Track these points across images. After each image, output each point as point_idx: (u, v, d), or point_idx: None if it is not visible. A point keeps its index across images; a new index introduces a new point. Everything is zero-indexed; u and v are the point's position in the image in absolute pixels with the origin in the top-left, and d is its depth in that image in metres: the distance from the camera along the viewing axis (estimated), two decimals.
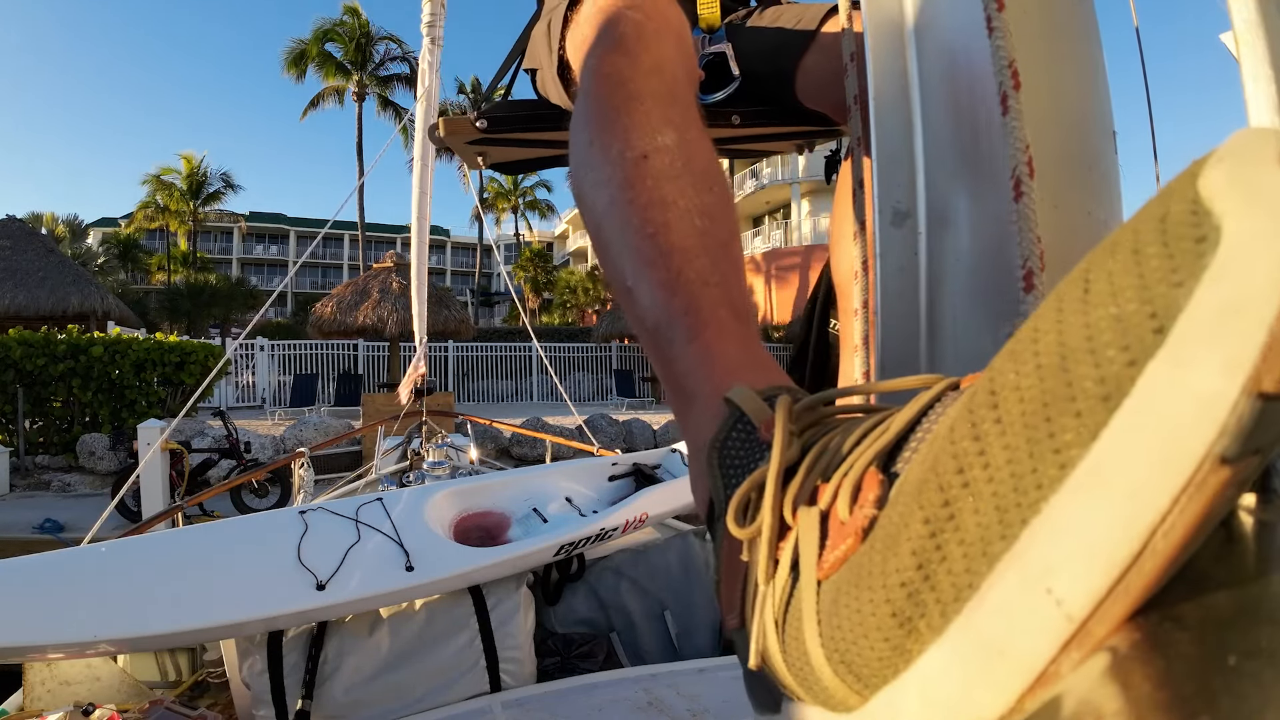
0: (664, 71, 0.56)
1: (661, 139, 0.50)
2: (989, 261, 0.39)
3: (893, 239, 0.43)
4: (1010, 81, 0.35)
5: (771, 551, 0.32)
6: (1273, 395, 0.17)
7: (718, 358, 0.43)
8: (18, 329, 8.17)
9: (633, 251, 0.48)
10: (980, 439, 0.23)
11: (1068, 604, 0.20)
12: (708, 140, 0.54)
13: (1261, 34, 0.29)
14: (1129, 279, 0.20)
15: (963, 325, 0.41)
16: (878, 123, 0.44)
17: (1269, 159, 0.18)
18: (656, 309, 0.46)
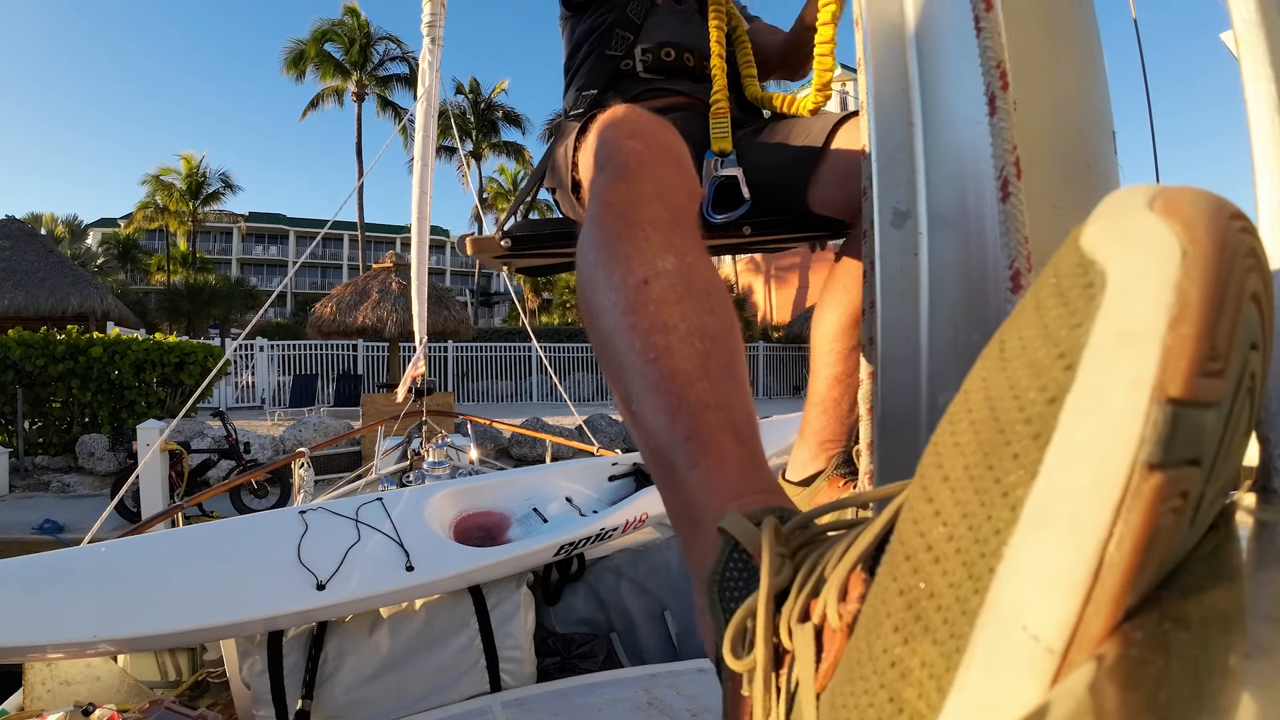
0: (665, 198, 0.58)
1: (662, 264, 0.52)
2: (989, 261, 0.39)
3: (893, 239, 0.43)
4: (998, 82, 0.35)
5: (769, 680, 0.32)
6: (1182, 400, 0.19)
7: (718, 485, 0.43)
8: (17, 329, 8.17)
9: (637, 374, 0.49)
10: (933, 500, 0.25)
11: (1045, 637, 0.20)
12: (708, 261, 0.56)
13: (1261, 34, 0.29)
14: (1035, 331, 0.23)
15: (963, 324, 0.41)
16: (877, 124, 0.44)
17: (1136, 209, 0.21)
18: (660, 432, 0.47)
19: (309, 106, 23.54)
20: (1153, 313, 0.19)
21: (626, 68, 1.19)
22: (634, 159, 0.61)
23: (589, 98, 1.17)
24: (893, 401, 0.44)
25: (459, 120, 24.94)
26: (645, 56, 1.18)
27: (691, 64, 1.20)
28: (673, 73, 1.19)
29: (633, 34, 1.19)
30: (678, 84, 1.18)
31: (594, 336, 0.56)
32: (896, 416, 0.44)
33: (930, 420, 0.43)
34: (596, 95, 1.16)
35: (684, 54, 1.20)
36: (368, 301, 13.33)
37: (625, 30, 1.19)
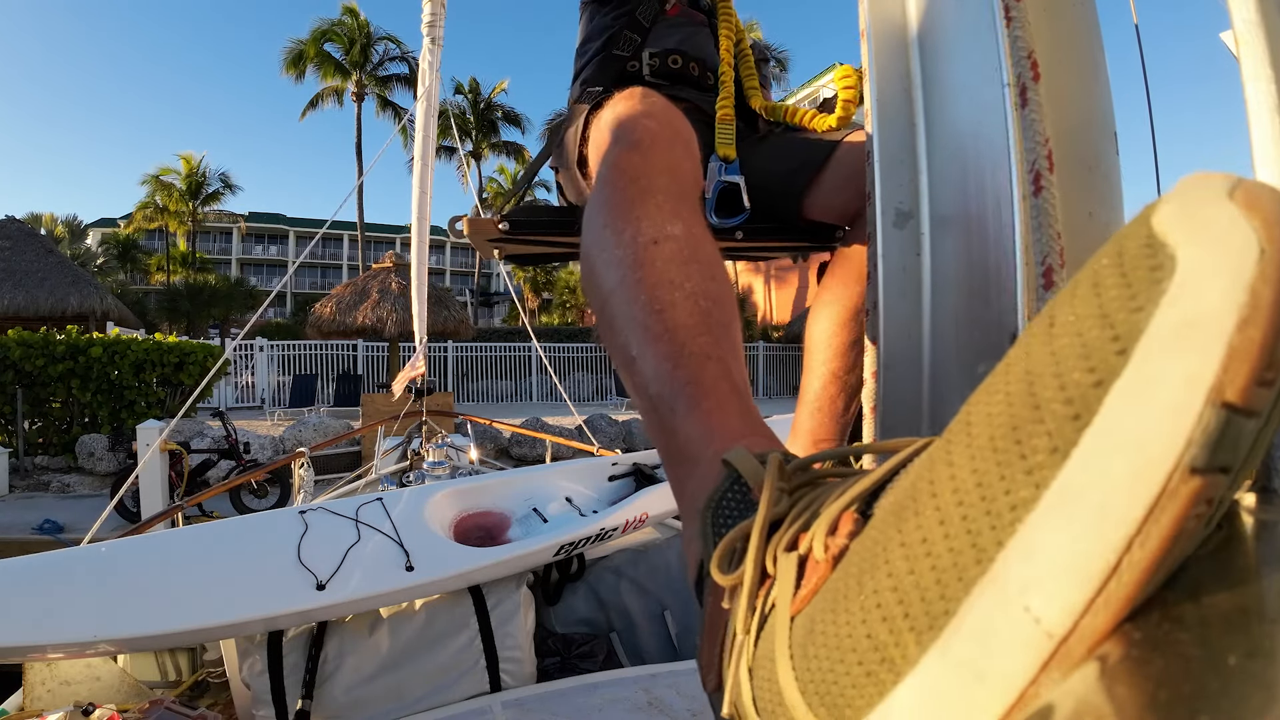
0: (675, 172, 0.60)
1: (671, 229, 0.54)
2: (991, 261, 0.39)
3: (895, 239, 0.43)
4: (1030, 73, 0.34)
5: (751, 599, 0.33)
6: (1235, 406, 0.18)
7: (718, 425, 0.44)
8: (17, 329, 8.16)
9: (639, 325, 0.50)
10: (953, 465, 0.24)
11: (1047, 620, 0.20)
12: (711, 236, 0.58)
13: (1261, 34, 0.29)
14: (1090, 308, 0.21)
15: (965, 324, 0.41)
16: (880, 124, 0.44)
17: (1216, 196, 0.20)
18: (660, 379, 0.48)
19: (308, 106, 23.53)
20: (1222, 308, 0.18)
21: (633, 69, 1.21)
22: (648, 135, 0.63)
23: (595, 94, 1.18)
24: (895, 400, 0.44)
25: (459, 120, 24.94)
26: (652, 61, 1.21)
27: (696, 73, 1.23)
28: (678, 79, 1.22)
29: (640, 36, 1.21)
30: (682, 90, 1.20)
31: (595, 295, 0.57)
32: (898, 414, 0.44)
33: (932, 418, 0.43)
34: (601, 92, 1.17)
35: (690, 63, 1.22)
36: (367, 301, 13.33)
37: (633, 32, 1.22)
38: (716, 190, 1.03)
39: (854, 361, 0.94)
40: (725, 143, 1.07)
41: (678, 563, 2.07)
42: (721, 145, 1.07)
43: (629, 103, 0.73)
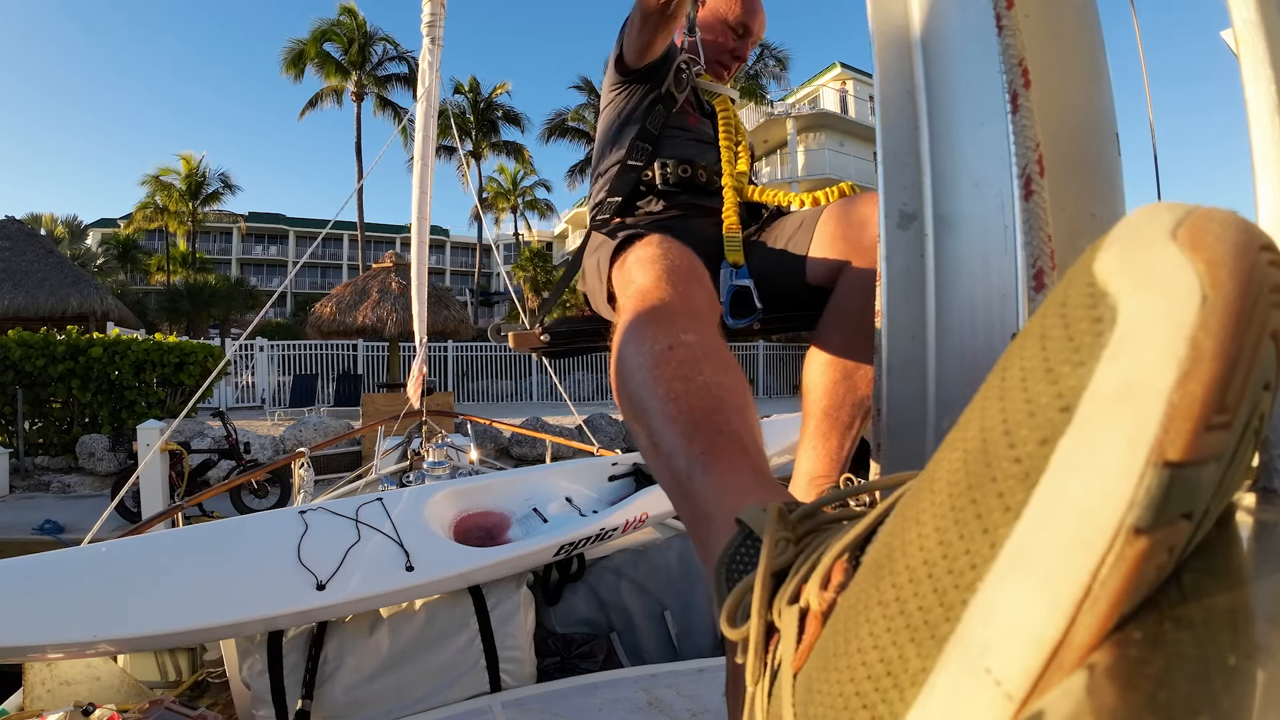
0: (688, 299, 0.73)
1: (685, 336, 0.64)
2: (995, 262, 0.39)
3: (899, 241, 0.43)
4: (1020, 80, 0.35)
5: (760, 653, 0.33)
6: (1179, 463, 0.18)
7: (731, 484, 0.48)
8: (17, 330, 8.16)
9: (659, 414, 0.57)
10: (919, 522, 0.25)
11: (1006, 683, 0.20)
12: (723, 341, 0.68)
13: (1261, 34, 0.29)
14: (1036, 363, 0.21)
15: (970, 326, 0.41)
16: (884, 125, 0.44)
17: (1157, 238, 0.19)
18: (678, 453, 0.54)
19: (308, 106, 23.52)
20: (1161, 365, 0.18)
21: (648, 179, 1.31)
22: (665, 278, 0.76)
23: (613, 205, 1.30)
24: (899, 403, 0.44)
25: (459, 120, 24.94)
26: (665, 171, 1.30)
27: (704, 180, 1.32)
28: (688, 186, 1.31)
29: (651, 145, 1.31)
30: (694, 196, 1.32)
31: (623, 397, 0.65)
32: (903, 418, 0.44)
33: (937, 421, 0.43)
34: (620, 204, 1.29)
35: (698, 170, 1.32)
36: (368, 301, 13.33)
37: (644, 142, 1.31)
38: (730, 295, 1.13)
39: (842, 398, 0.99)
40: (733, 250, 1.18)
41: (677, 563, 2.07)
42: (730, 253, 1.17)
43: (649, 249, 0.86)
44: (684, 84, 1.34)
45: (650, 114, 1.32)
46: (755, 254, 1.19)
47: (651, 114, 1.32)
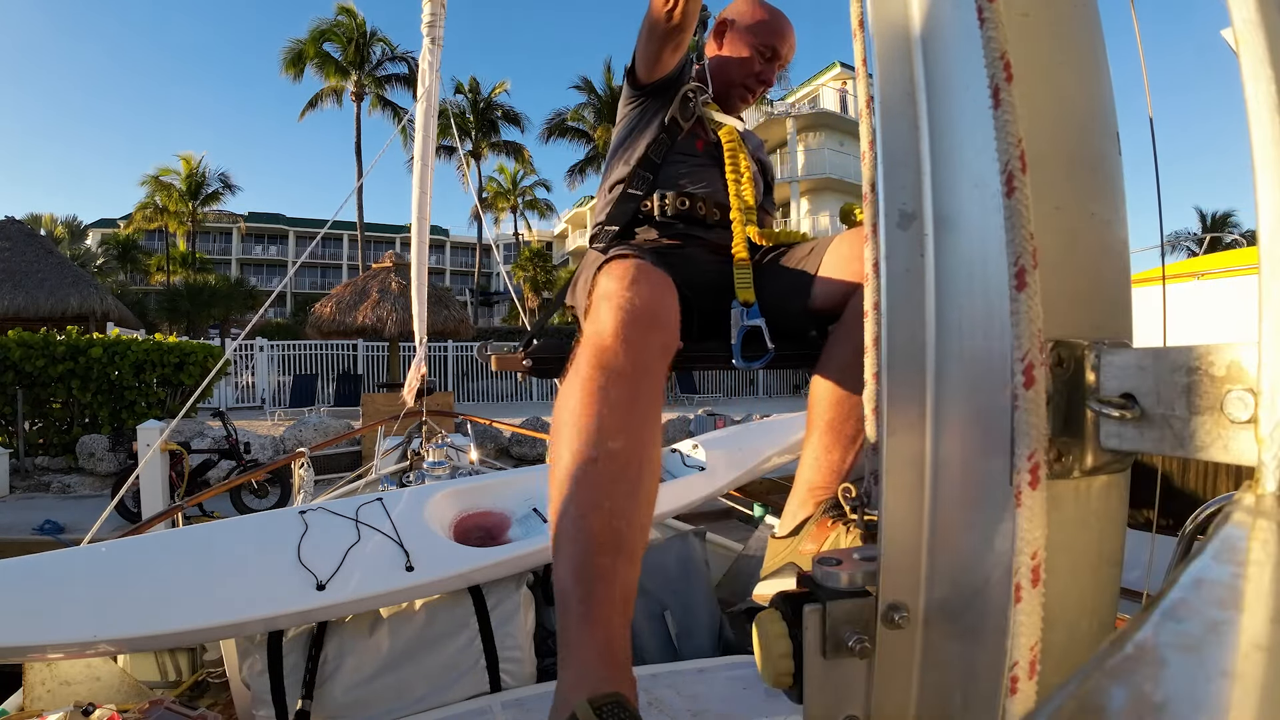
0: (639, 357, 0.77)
1: (613, 444, 0.71)
2: (995, 262, 0.39)
3: (899, 241, 0.44)
4: (1002, 74, 0.34)
5: None
6: None
7: (588, 658, 0.63)
8: (17, 330, 8.16)
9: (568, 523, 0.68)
10: None
11: None
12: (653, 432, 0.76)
13: (1261, 34, 0.29)
14: None
15: (970, 326, 0.41)
16: (884, 125, 0.44)
17: None
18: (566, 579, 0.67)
19: (307, 106, 23.53)
20: None
21: (646, 209, 1.29)
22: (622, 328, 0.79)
23: (612, 233, 1.28)
24: (897, 403, 0.44)
25: (458, 120, 24.94)
26: (664, 202, 1.29)
27: (704, 213, 1.30)
28: (687, 219, 1.29)
29: (652, 174, 1.29)
30: (693, 228, 1.29)
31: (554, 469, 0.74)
32: (901, 418, 0.44)
33: (936, 421, 0.43)
34: (619, 232, 1.28)
35: (698, 203, 1.30)
36: (367, 301, 13.33)
37: (646, 170, 1.29)
38: (741, 335, 1.12)
39: (848, 413, 0.99)
40: (744, 287, 1.16)
41: (677, 563, 2.07)
42: (741, 290, 1.16)
43: (619, 284, 0.87)
44: (690, 112, 1.31)
45: (655, 141, 1.30)
46: (763, 282, 1.18)
47: (656, 141, 1.30)
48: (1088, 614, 0.39)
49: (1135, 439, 0.34)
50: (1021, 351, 0.34)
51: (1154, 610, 0.21)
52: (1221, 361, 0.30)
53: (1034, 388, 0.34)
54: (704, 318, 1.18)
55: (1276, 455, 0.28)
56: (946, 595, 0.43)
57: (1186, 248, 17.33)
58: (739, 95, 1.41)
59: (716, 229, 1.30)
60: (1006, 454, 0.38)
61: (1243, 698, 0.17)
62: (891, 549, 0.44)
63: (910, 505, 0.44)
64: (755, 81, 1.39)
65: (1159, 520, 2.81)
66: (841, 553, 0.49)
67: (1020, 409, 0.34)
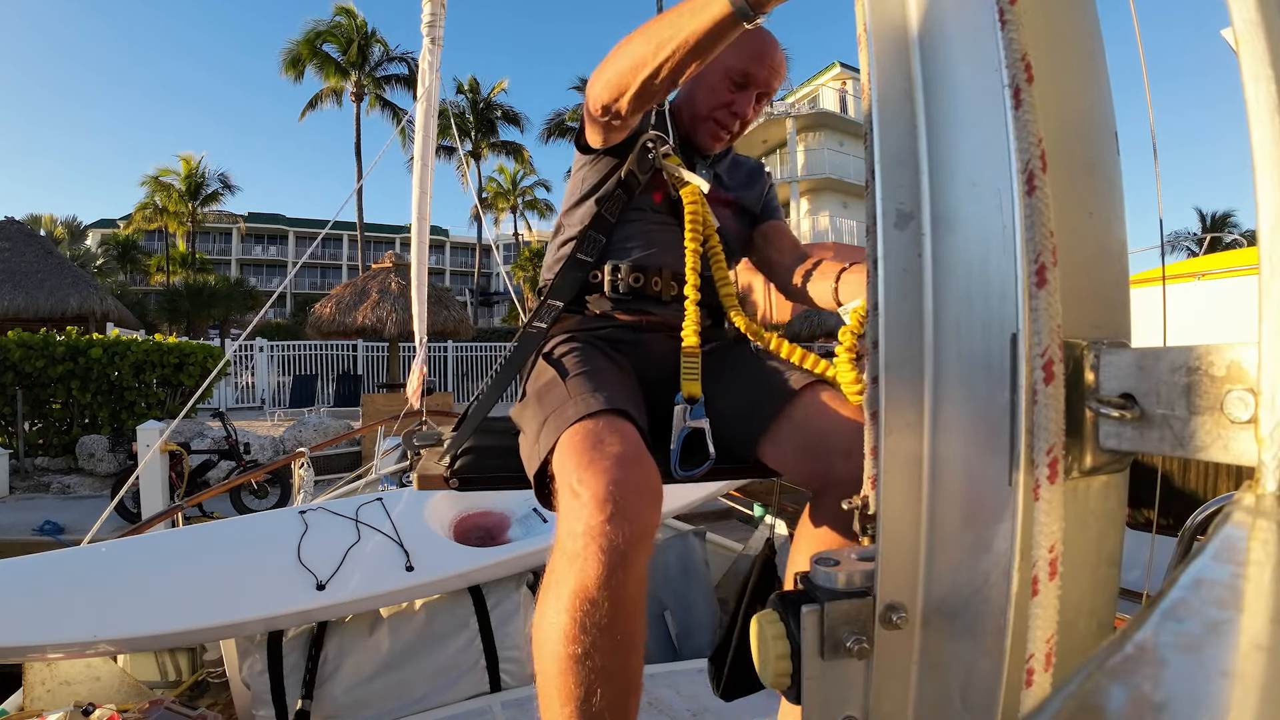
0: (628, 606, 0.73)
1: (599, 704, 0.71)
2: (995, 262, 0.39)
3: (896, 241, 0.43)
4: (1024, 75, 0.35)
5: None
6: None
7: None
8: (17, 330, 8.16)
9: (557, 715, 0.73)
10: None
11: None
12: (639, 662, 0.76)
13: (1261, 34, 0.29)
14: None
15: (968, 326, 0.41)
16: (881, 124, 0.44)
17: None
18: None
19: (307, 107, 23.52)
20: None
21: (595, 281, 1.15)
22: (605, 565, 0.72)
23: (555, 311, 1.13)
24: (895, 404, 0.44)
25: (458, 120, 24.95)
26: (616, 276, 1.14)
27: (659, 288, 1.15)
28: (640, 296, 1.15)
29: (605, 235, 1.14)
30: (647, 305, 1.15)
31: (537, 668, 0.76)
32: (899, 418, 0.44)
33: (934, 423, 0.43)
34: (563, 309, 1.13)
35: (653, 278, 1.15)
36: (367, 301, 13.32)
37: (598, 231, 1.14)
38: (682, 439, 0.98)
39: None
40: (690, 377, 1.03)
41: (677, 563, 2.07)
42: (687, 380, 1.03)
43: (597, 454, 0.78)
44: (647, 165, 1.13)
45: (609, 198, 1.14)
46: (718, 381, 1.05)
47: (609, 198, 1.14)
48: (1087, 614, 0.39)
49: (1135, 439, 0.34)
50: (1042, 347, 0.34)
51: (1154, 610, 0.21)
52: (1221, 361, 0.30)
53: (1054, 383, 0.34)
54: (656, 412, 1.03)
55: (1276, 455, 0.28)
56: (945, 596, 0.43)
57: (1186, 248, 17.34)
58: (708, 132, 1.19)
59: (673, 305, 1.13)
60: (1005, 454, 0.38)
61: (1243, 698, 0.16)
62: (889, 549, 0.44)
63: (908, 506, 0.44)
64: (727, 115, 1.16)
65: (1159, 520, 2.80)
66: (839, 553, 0.49)
67: (1040, 404, 0.34)
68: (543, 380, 1.03)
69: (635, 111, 0.96)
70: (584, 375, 0.97)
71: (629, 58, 0.87)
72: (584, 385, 0.94)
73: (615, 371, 1.04)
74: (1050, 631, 0.34)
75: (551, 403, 0.93)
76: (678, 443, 0.98)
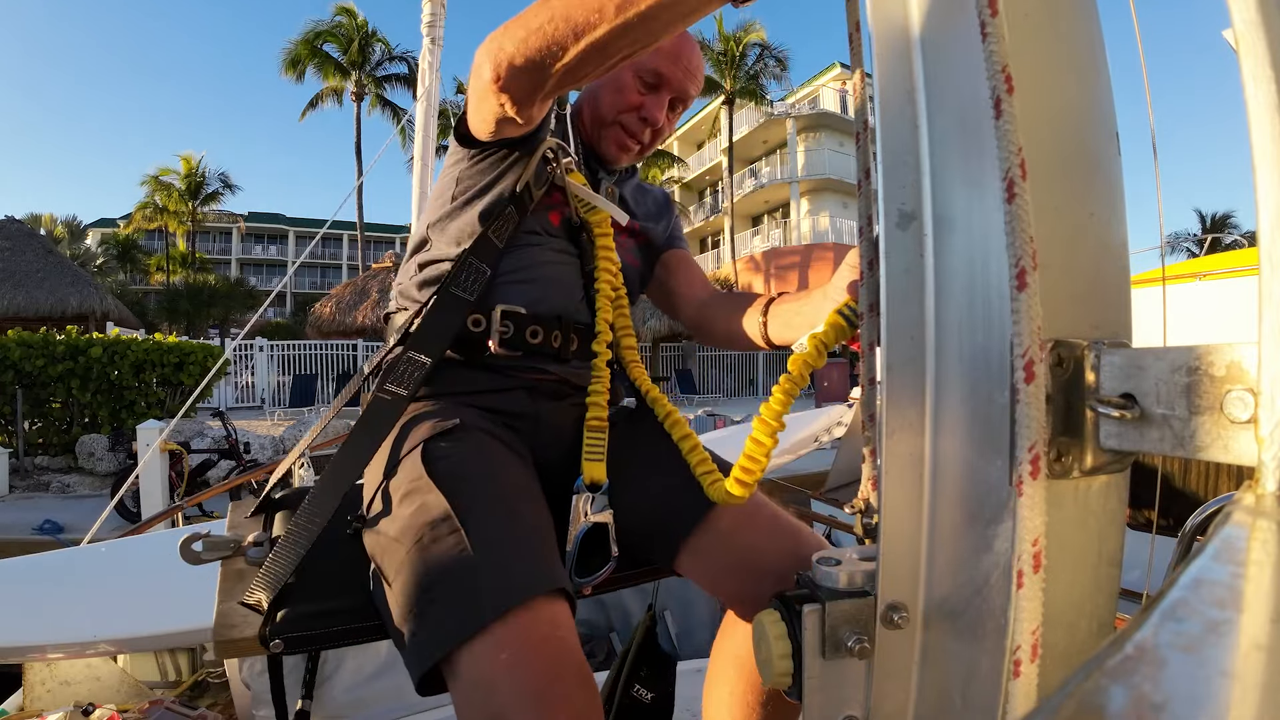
0: None
1: None
2: (994, 262, 0.39)
3: (898, 241, 0.44)
4: (1004, 86, 0.35)
5: None
6: None
7: None
8: (16, 330, 8.17)
9: None
10: None
11: None
12: None
13: (1262, 34, 0.29)
14: None
15: (968, 326, 0.41)
16: (883, 125, 0.44)
17: None
18: None
19: (308, 106, 23.54)
20: None
21: (477, 329, 0.88)
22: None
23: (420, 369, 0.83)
24: (897, 403, 0.44)
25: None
26: (504, 329, 0.88)
27: (559, 342, 0.91)
28: (535, 352, 0.90)
29: (490, 267, 0.87)
30: (543, 363, 0.92)
31: None
32: (900, 418, 0.44)
33: (935, 421, 0.43)
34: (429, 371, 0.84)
35: (552, 332, 0.91)
36: (367, 301, 13.33)
37: (482, 259, 0.87)
38: (580, 537, 0.79)
39: None
40: (595, 457, 0.84)
41: None
42: (590, 462, 0.84)
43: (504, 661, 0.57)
44: (544, 180, 0.92)
45: (498, 217, 0.88)
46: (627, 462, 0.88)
47: (499, 217, 0.88)
48: (1086, 614, 0.39)
49: (1135, 439, 0.34)
50: (1023, 348, 0.34)
51: (1154, 610, 0.21)
52: (1221, 361, 0.30)
53: (1034, 383, 0.34)
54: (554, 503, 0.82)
55: (1276, 455, 0.28)
56: (946, 595, 0.43)
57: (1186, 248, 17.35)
58: (614, 140, 0.99)
59: (574, 362, 0.93)
60: (1006, 454, 0.38)
61: (1243, 698, 0.17)
62: (891, 549, 0.44)
63: (909, 505, 0.44)
64: (636, 120, 0.97)
65: (1159, 521, 2.81)
66: (841, 553, 0.49)
67: (1021, 403, 0.34)
68: (417, 499, 0.72)
69: (559, 90, 0.70)
70: (489, 504, 0.71)
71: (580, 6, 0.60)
72: (495, 531, 0.68)
73: (523, 478, 0.80)
74: (1036, 624, 0.34)
75: (442, 561, 0.65)
76: (575, 544, 0.78)
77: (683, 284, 1.10)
